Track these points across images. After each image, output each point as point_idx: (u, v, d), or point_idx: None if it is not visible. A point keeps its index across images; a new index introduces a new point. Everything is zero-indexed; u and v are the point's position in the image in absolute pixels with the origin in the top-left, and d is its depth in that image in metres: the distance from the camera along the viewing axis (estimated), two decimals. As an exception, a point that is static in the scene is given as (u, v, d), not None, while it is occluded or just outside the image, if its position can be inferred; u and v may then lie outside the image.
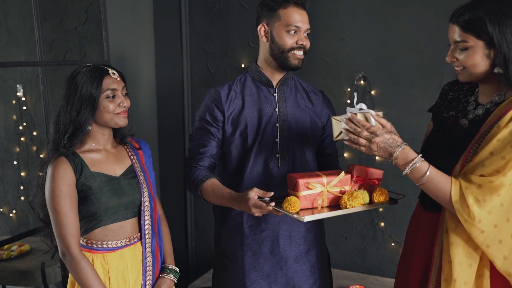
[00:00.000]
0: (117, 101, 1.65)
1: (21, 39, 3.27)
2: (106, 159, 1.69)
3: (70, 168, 1.61)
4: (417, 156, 1.43)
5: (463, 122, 1.54)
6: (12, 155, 3.47)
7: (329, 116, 1.90)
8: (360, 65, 2.85)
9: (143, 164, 1.78)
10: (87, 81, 1.61)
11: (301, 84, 1.93)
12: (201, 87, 3.31)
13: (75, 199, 1.61)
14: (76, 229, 1.60)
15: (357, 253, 3.01)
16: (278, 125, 1.82)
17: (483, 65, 1.43)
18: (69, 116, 1.61)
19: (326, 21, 2.89)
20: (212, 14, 3.20)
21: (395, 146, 1.42)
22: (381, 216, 2.92)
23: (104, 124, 1.67)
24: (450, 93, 1.65)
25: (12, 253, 3.10)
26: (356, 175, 1.66)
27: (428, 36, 2.68)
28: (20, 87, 3.37)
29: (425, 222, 1.60)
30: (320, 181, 1.59)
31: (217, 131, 1.82)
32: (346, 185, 1.63)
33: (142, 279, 1.72)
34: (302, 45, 1.76)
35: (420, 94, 2.73)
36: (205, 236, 3.44)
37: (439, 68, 2.67)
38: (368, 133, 1.43)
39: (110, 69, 1.66)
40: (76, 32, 3.19)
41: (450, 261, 1.43)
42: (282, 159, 1.83)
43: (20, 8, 3.28)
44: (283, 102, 1.85)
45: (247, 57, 3.14)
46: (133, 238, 1.72)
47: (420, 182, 1.43)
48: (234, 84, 1.87)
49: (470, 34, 1.41)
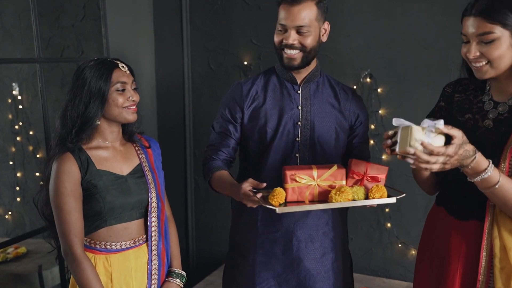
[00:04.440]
0: (127, 94, 1.60)
1: (16, 37, 3.21)
2: (114, 157, 1.64)
3: (76, 165, 1.55)
4: (489, 164, 1.33)
5: (486, 123, 1.47)
6: (8, 155, 3.41)
7: (360, 116, 1.82)
8: (366, 62, 2.80)
9: (152, 163, 1.72)
10: (95, 74, 1.56)
11: (331, 81, 1.84)
12: (202, 85, 3.26)
13: (79, 197, 1.56)
14: (80, 228, 1.55)
15: (363, 255, 2.95)
16: (300, 123, 1.77)
17: (509, 56, 1.37)
18: (77, 110, 1.56)
19: (331, 17, 2.80)
20: (213, 10, 3.15)
21: (468, 157, 1.31)
22: (387, 217, 2.86)
23: (113, 119, 1.61)
24: (455, 95, 1.58)
25: (8, 255, 3.03)
26: (354, 170, 1.58)
27: (436, 32, 2.64)
28: (16, 85, 3.31)
29: (459, 231, 1.53)
30: (309, 173, 1.53)
31: (235, 129, 1.81)
32: (339, 179, 1.55)
33: (147, 282, 1.66)
34: (288, 44, 1.67)
35: (427, 92, 2.68)
36: (206, 237, 3.39)
37: (447, 66, 2.63)
38: (444, 158, 1.29)
39: (119, 62, 1.62)
40: (73, 29, 3.15)
41: (505, 267, 1.38)
42: (301, 160, 1.77)
43: (16, 5, 3.22)
44: (308, 100, 1.78)
45: (250, 54, 3.08)
46: (139, 240, 1.66)
47: (490, 191, 1.35)
48: (258, 79, 1.84)
49: (495, 24, 1.34)
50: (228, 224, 3.45)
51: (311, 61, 1.75)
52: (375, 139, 2.83)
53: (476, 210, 1.47)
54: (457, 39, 2.24)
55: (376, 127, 2.82)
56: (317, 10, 1.68)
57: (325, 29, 1.76)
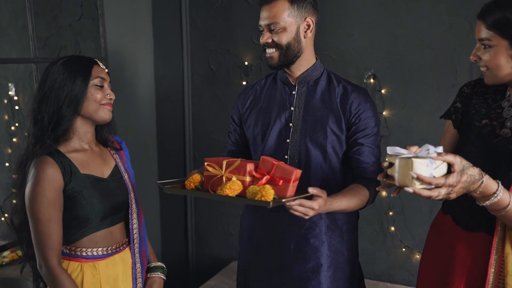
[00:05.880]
0: (105, 91, 1.56)
1: (13, 36, 3.18)
2: (93, 159, 1.59)
3: (59, 171, 1.48)
4: (498, 187, 1.26)
5: (504, 132, 1.41)
6: (4, 156, 3.36)
7: (360, 112, 1.68)
8: (369, 62, 2.75)
9: (125, 164, 1.69)
10: (74, 68, 1.51)
11: (333, 80, 1.75)
12: (202, 86, 3.22)
13: (59, 206, 1.48)
14: (58, 240, 1.48)
15: (366, 259, 2.90)
16: (292, 125, 1.72)
17: (507, 67, 1.35)
18: (53, 106, 1.50)
19: (334, 17, 2.79)
20: (214, 9, 3.11)
21: (475, 182, 1.23)
22: (391, 220, 2.81)
23: (88, 116, 1.55)
24: (474, 97, 1.52)
25: (4, 259, 2.98)
26: (261, 168, 1.49)
27: (441, 32, 2.59)
28: (12, 85, 3.26)
29: (466, 242, 1.47)
30: (220, 165, 1.50)
31: (238, 130, 1.89)
32: (242, 174, 1.48)
33: (132, 286, 1.64)
34: (263, 43, 1.69)
35: (432, 93, 2.64)
36: (206, 241, 3.34)
37: (453, 66, 2.58)
38: (446, 189, 1.22)
39: (98, 60, 1.59)
40: (71, 29, 3.12)
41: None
42: (291, 161, 1.71)
43: (13, 4, 3.18)
44: (301, 101, 1.73)
45: (251, 55, 3.03)
46: (122, 244, 1.63)
47: (500, 214, 1.28)
48: (261, 81, 1.87)
49: (494, 32, 1.33)
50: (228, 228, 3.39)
51: (294, 59, 1.69)
52: (378, 141, 2.78)
53: (484, 222, 1.41)
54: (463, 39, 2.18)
55: (380, 129, 2.77)
56: (290, 6, 1.64)
57: (308, 25, 1.69)
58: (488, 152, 1.41)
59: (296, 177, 1.45)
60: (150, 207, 3.13)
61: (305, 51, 1.70)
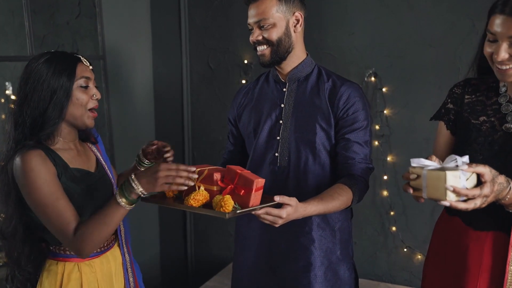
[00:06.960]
0: (90, 92, 1.49)
1: (10, 35, 3.15)
2: (80, 156, 1.55)
3: (49, 160, 1.40)
4: None
5: (506, 127, 1.39)
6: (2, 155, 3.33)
7: (348, 105, 1.66)
8: (370, 61, 2.72)
9: (102, 157, 1.66)
10: (57, 67, 1.42)
11: (323, 75, 1.74)
12: (201, 85, 3.19)
13: (60, 186, 1.40)
14: (72, 213, 1.38)
15: (367, 259, 2.87)
16: (282, 122, 1.73)
17: None
18: (36, 108, 1.41)
19: (334, 15, 2.76)
20: (213, 7, 3.08)
21: (504, 190, 1.24)
22: (392, 221, 2.78)
23: (72, 120, 1.48)
24: (465, 96, 1.50)
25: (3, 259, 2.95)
26: (227, 176, 1.45)
27: (443, 30, 2.56)
28: (9, 84, 3.24)
29: (478, 242, 1.44)
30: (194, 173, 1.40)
31: (234, 131, 1.92)
32: (212, 184, 1.45)
33: (124, 279, 1.63)
34: (254, 41, 1.69)
35: (434, 92, 2.61)
36: (205, 241, 3.32)
37: (455, 64, 2.55)
38: (481, 200, 1.22)
39: (81, 57, 1.50)
40: (68, 27, 3.09)
41: None
42: (281, 159, 1.71)
43: (9, 2, 3.15)
44: (291, 98, 1.73)
45: (250, 53, 3.01)
46: (111, 241, 1.61)
47: None
48: (256, 80, 1.88)
49: None
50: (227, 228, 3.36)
51: (286, 55, 1.69)
52: (380, 140, 2.75)
53: (498, 220, 1.38)
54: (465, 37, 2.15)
55: (381, 128, 2.75)
56: (277, 2, 1.64)
57: (298, 19, 1.68)
58: (492, 149, 1.39)
59: (257, 187, 1.41)
60: (149, 207, 3.10)
61: (296, 46, 1.70)
